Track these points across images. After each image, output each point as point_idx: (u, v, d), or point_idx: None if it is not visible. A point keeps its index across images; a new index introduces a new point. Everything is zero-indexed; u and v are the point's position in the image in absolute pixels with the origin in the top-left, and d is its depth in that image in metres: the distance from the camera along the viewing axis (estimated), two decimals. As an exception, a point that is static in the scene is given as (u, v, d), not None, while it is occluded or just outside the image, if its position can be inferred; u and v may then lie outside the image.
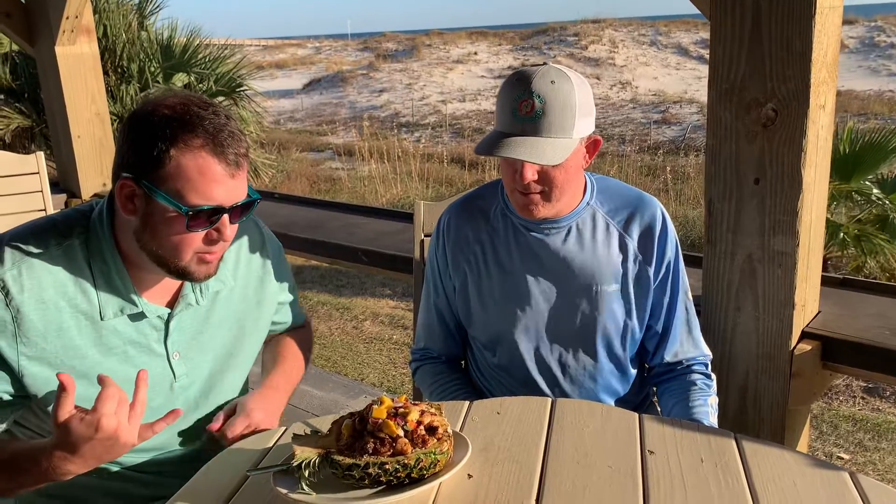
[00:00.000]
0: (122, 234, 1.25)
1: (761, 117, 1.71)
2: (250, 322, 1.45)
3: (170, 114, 1.16)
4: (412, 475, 1.12)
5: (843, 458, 3.29)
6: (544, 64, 1.44)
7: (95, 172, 3.96)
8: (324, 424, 1.25)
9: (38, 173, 3.30)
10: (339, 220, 3.20)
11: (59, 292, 1.21)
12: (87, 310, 1.23)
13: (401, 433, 1.13)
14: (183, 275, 1.24)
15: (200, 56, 8.78)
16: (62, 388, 1.03)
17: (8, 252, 1.19)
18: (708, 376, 1.62)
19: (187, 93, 1.23)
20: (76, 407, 1.06)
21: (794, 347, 1.81)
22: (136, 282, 1.26)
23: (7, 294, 1.16)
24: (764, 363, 1.84)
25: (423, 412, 1.18)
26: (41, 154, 3.34)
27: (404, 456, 1.11)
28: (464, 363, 1.80)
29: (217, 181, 1.17)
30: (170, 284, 1.32)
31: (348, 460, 1.11)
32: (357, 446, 1.14)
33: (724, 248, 1.84)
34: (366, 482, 1.11)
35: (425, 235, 1.98)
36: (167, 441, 1.37)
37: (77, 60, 3.83)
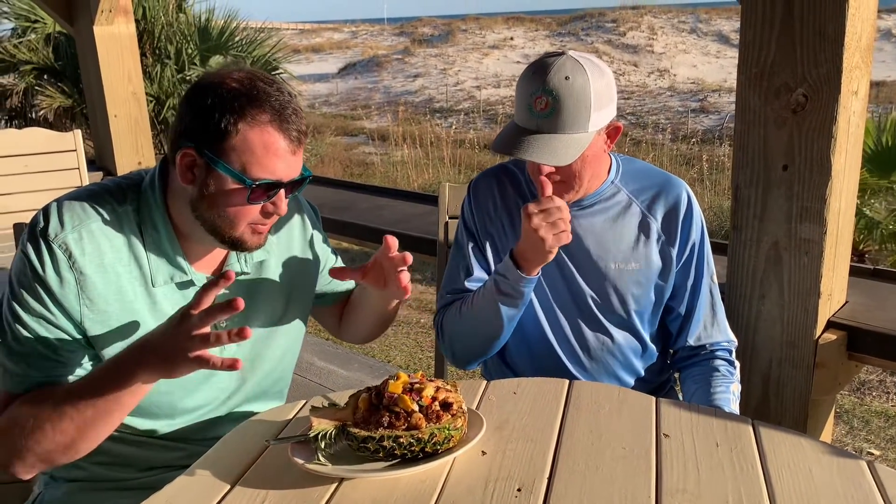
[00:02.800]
0: (174, 203, 1.27)
1: (791, 103, 1.68)
2: (297, 289, 1.47)
3: (238, 87, 1.17)
4: (426, 449, 1.14)
5: (873, 454, 3.24)
6: (562, 54, 1.43)
7: (131, 151, 4.04)
8: (342, 398, 1.28)
9: (75, 151, 3.38)
10: (367, 202, 3.22)
11: (116, 257, 1.23)
12: (139, 276, 1.26)
13: (415, 408, 1.15)
14: (235, 245, 1.26)
15: (237, 39, 8.87)
16: (210, 286, 1.09)
17: (67, 216, 1.22)
18: (731, 363, 1.61)
19: (251, 68, 1.24)
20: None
21: (819, 337, 1.79)
22: (185, 251, 1.29)
23: (70, 256, 1.19)
24: (788, 352, 1.83)
25: (438, 388, 1.20)
26: (78, 132, 3.41)
27: (418, 430, 1.13)
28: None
29: (280, 156, 1.20)
30: (216, 255, 1.34)
31: (364, 433, 1.13)
32: (373, 419, 1.16)
33: (750, 235, 1.82)
34: (380, 455, 1.14)
35: (450, 217, 1.98)
36: (213, 406, 1.40)
37: (114, 40, 3.90)
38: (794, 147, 1.71)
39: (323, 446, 1.13)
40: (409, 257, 1.31)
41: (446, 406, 1.18)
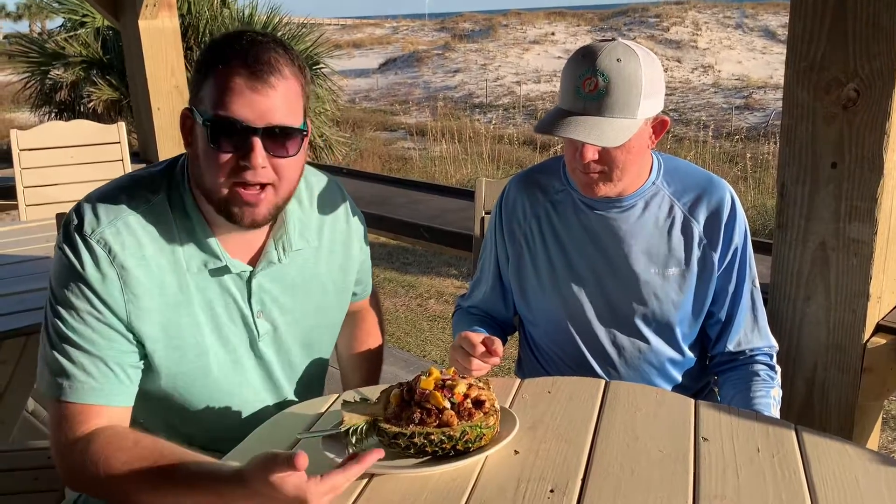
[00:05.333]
0: (194, 184, 1.24)
1: (841, 98, 1.62)
2: (336, 286, 1.45)
3: (218, 38, 1.17)
4: (457, 447, 1.13)
5: (920, 462, 3.13)
6: (612, 40, 1.40)
7: (173, 144, 4.09)
8: (373, 393, 1.27)
9: (119, 143, 3.43)
10: (404, 197, 3.23)
11: (156, 249, 1.21)
12: (176, 266, 1.23)
13: (447, 405, 1.14)
14: (224, 211, 1.20)
15: (280, 34, 8.94)
16: (295, 464, 0.93)
17: (102, 210, 1.19)
18: (772, 368, 1.57)
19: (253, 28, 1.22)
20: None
21: (867, 341, 1.73)
22: (219, 237, 1.25)
23: (110, 252, 1.16)
24: (834, 355, 1.77)
25: (470, 385, 1.18)
26: (122, 124, 3.47)
27: (450, 428, 1.12)
28: (519, 339, 1.79)
29: (237, 92, 1.13)
30: (252, 242, 1.30)
31: (394, 429, 1.13)
32: (404, 416, 1.15)
33: (796, 235, 1.76)
34: (411, 451, 1.13)
35: (486, 213, 1.96)
36: (251, 400, 1.39)
37: (158, 34, 3.95)
38: (844, 144, 1.65)
39: (354, 441, 1.13)
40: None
41: (478, 404, 1.16)
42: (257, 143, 1.14)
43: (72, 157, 3.38)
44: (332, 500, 1.00)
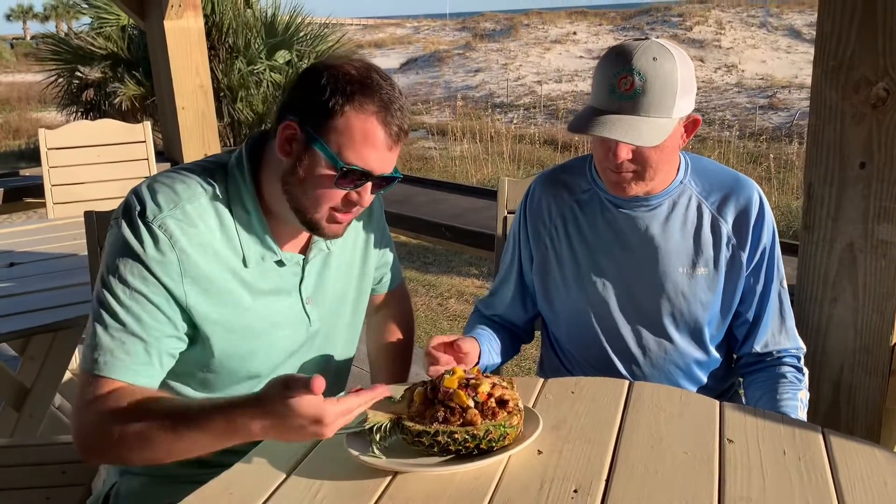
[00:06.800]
0: (266, 178, 1.29)
1: (871, 97, 1.60)
2: (359, 271, 1.50)
3: (354, 73, 1.21)
4: (481, 446, 1.13)
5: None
6: (646, 39, 1.39)
7: (197, 143, 4.12)
8: (397, 391, 1.27)
9: (144, 142, 3.47)
10: (425, 196, 3.23)
11: (212, 237, 1.25)
12: (233, 256, 1.27)
13: (471, 404, 1.14)
14: (313, 228, 1.28)
15: (302, 34, 9.01)
16: (312, 386, 1.01)
17: (162, 197, 1.23)
18: (799, 370, 1.55)
19: (370, 62, 1.28)
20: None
21: (896, 344, 1.71)
22: (274, 230, 1.31)
23: (171, 236, 1.20)
24: (861, 358, 1.74)
25: (494, 385, 1.18)
26: (147, 123, 3.50)
27: (473, 427, 1.12)
28: (541, 340, 1.78)
29: (376, 148, 1.22)
30: (303, 234, 1.36)
31: (418, 427, 1.13)
32: (428, 414, 1.15)
33: (823, 235, 1.74)
34: (435, 450, 1.13)
35: (508, 212, 1.96)
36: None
37: (183, 34, 3.98)
38: (873, 143, 1.63)
39: (378, 439, 1.13)
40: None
41: (502, 403, 1.16)
42: (369, 187, 1.26)
43: (98, 156, 3.43)
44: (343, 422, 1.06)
